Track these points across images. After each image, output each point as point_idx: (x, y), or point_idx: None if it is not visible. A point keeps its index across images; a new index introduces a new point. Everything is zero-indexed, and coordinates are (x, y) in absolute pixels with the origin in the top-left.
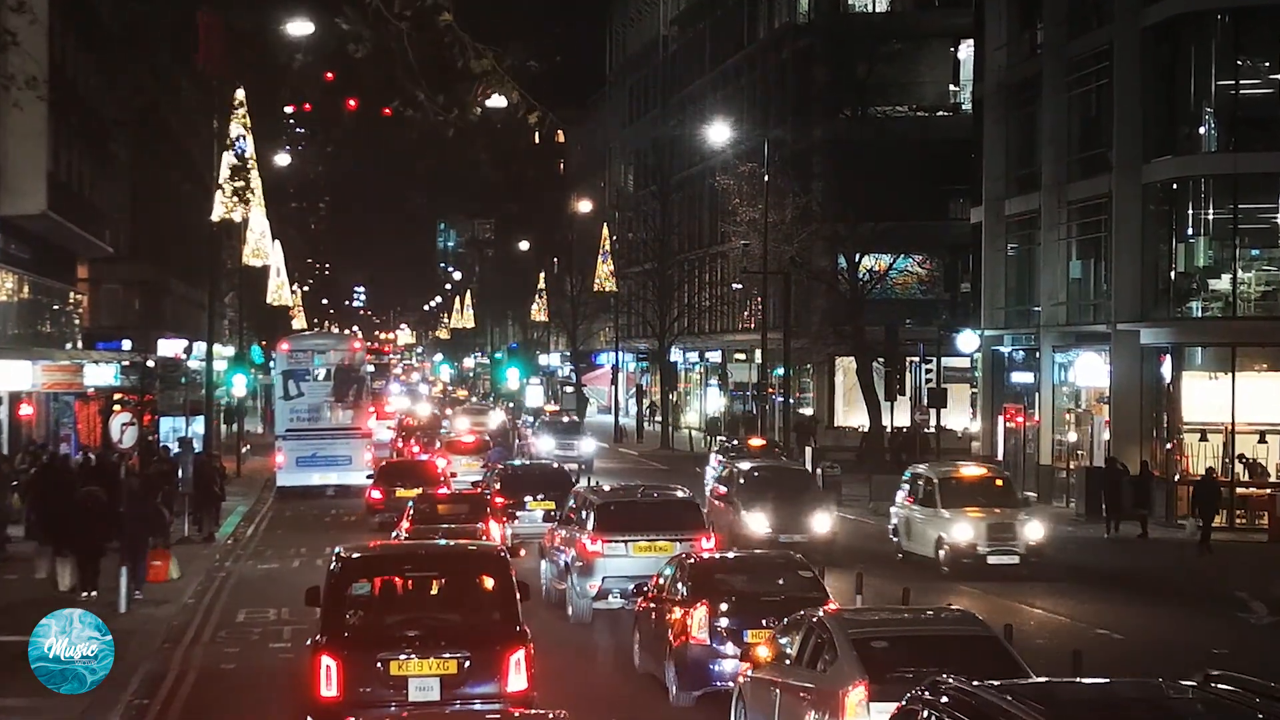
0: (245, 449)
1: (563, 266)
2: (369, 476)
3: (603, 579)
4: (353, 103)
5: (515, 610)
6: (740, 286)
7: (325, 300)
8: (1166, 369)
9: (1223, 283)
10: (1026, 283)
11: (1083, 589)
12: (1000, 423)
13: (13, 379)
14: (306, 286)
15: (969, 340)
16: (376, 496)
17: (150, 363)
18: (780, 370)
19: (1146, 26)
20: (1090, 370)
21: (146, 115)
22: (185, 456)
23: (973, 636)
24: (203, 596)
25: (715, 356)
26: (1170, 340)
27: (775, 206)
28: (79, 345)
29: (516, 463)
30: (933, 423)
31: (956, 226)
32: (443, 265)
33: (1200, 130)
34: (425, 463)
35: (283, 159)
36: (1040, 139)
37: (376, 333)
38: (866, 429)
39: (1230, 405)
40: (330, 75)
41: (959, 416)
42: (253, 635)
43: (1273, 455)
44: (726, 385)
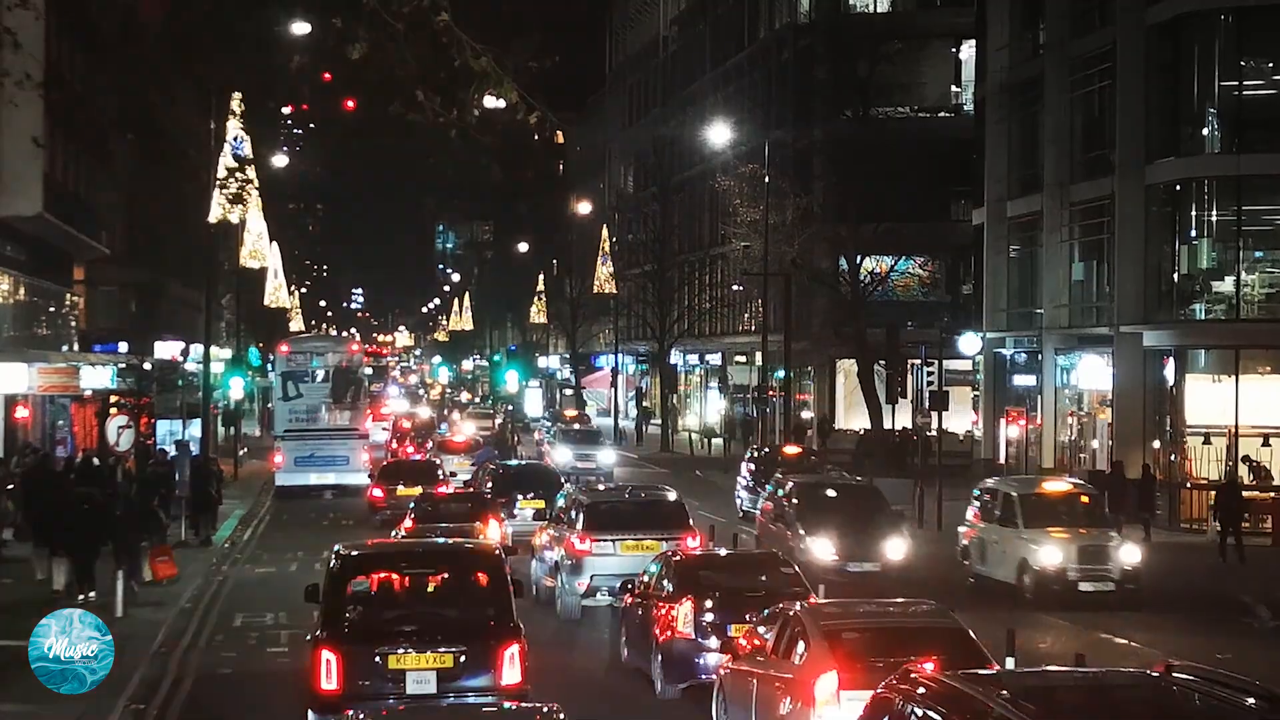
0: (243, 451)
1: (562, 268)
2: (371, 476)
3: (591, 577)
4: (350, 104)
5: (510, 606)
6: (741, 288)
7: (323, 302)
8: (1170, 372)
9: (1226, 285)
10: (1029, 285)
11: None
12: (1002, 425)
13: (8, 382)
14: (304, 288)
15: (971, 343)
16: (378, 495)
17: (147, 365)
18: (781, 373)
19: (1150, 26)
20: (1093, 373)
21: (144, 116)
22: (182, 459)
23: (941, 628)
24: (199, 600)
25: (715, 359)
26: (1173, 343)
27: (776, 208)
28: (75, 348)
29: (512, 463)
30: (934, 425)
31: (958, 228)
32: (441, 267)
33: (1204, 131)
34: (426, 462)
35: (280, 160)
36: (1042, 140)
37: (375, 335)
38: (863, 431)
39: (1234, 408)
40: (328, 76)
41: (961, 419)
42: (250, 639)
43: (1277, 458)
44: (727, 388)
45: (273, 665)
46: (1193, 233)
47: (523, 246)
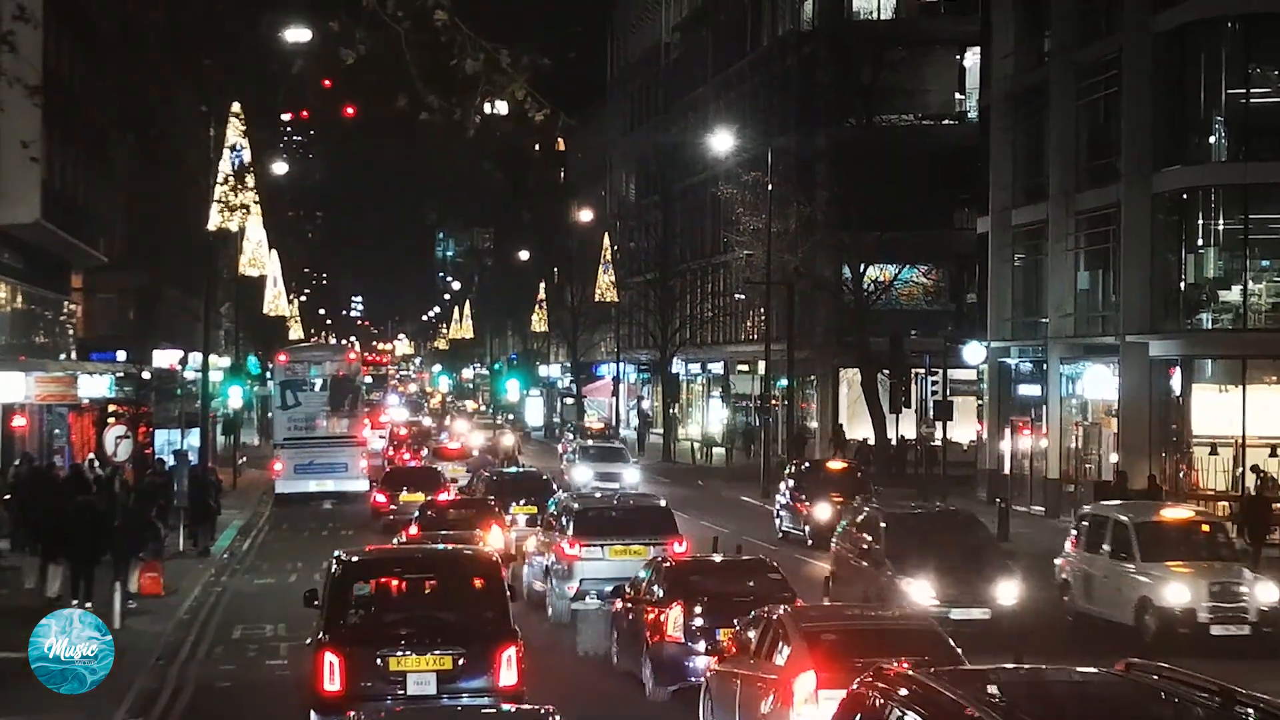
0: (241, 461)
1: (563, 276)
2: (372, 483)
3: (581, 581)
4: (351, 110)
5: (506, 610)
6: (743, 297)
7: (323, 310)
8: (1176, 382)
9: (1233, 294)
10: (1034, 294)
11: None
12: (1008, 435)
13: (5, 391)
14: (304, 296)
15: (975, 352)
16: (381, 500)
17: (145, 374)
18: (783, 382)
19: (1156, 34)
20: (1098, 383)
21: (142, 122)
22: (180, 469)
23: (917, 630)
24: (198, 612)
25: (717, 368)
26: (1180, 352)
27: (779, 215)
28: (73, 356)
29: (506, 470)
30: (939, 435)
31: (963, 236)
32: (441, 275)
33: (1210, 139)
34: (429, 468)
35: (280, 167)
36: (1048, 148)
37: (374, 343)
38: (864, 441)
39: (1241, 418)
40: (328, 82)
41: (965, 429)
42: (249, 652)
43: None
44: (729, 397)
45: (272, 677)
46: (1199, 242)
47: (524, 254)
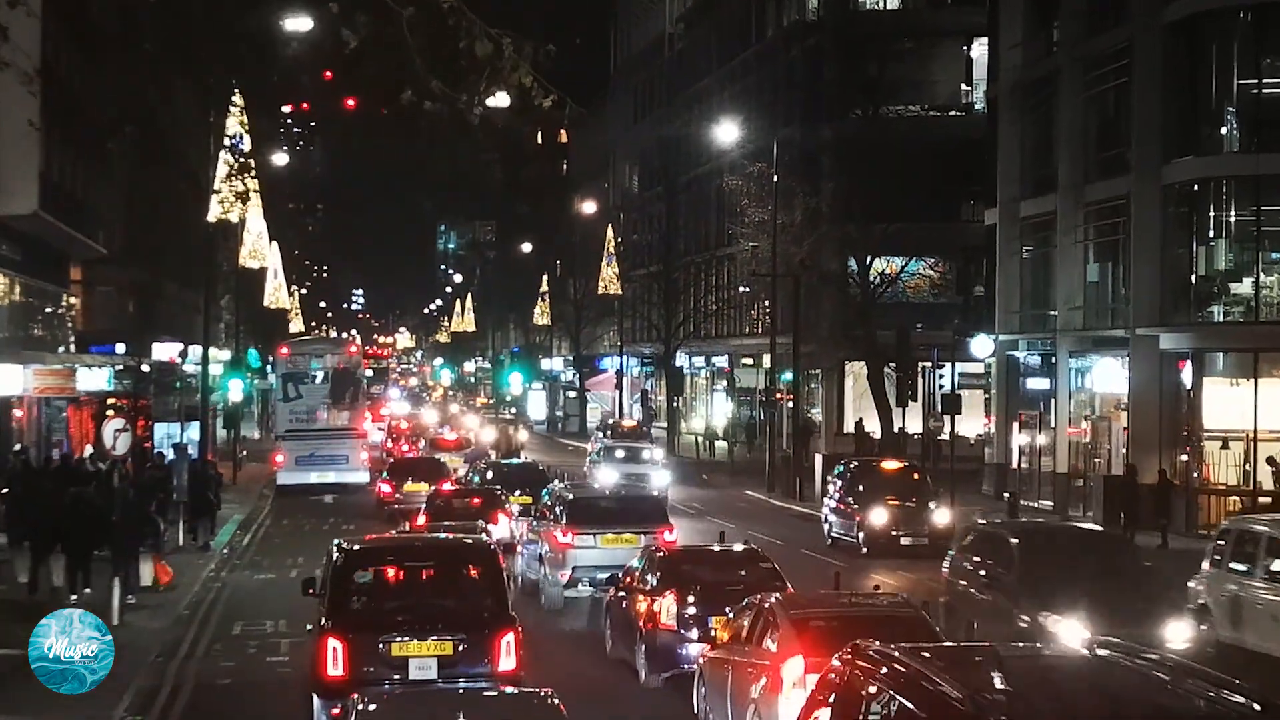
0: (242, 454)
1: (566, 269)
2: (374, 475)
3: (573, 569)
4: (351, 102)
5: (505, 597)
6: (748, 290)
7: (323, 303)
8: (1186, 375)
9: (1244, 286)
10: (1042, 286)
11: None
12: (1015, 430)
13: (3, 383)
14: (305, 289)
15: (983, 345)
16: (387, 490)
17: (145, 367)
18: (789, 375)
19: (1166, 24)
20: (1108, 376)
21: (142, 112)
22: (180, 463)
23: (903, 616)
24: (198, 608)
25: (722, 361)
26: (1190, 345)
27: (784, 208)
28: (72, 349)
29: (503, 462)
30: (946, 429)
31: (970, 228)
32: (443, 268)
33: (1222, 130)
34: (433, 459)
35: (281, 159)
36: (1057, 139)
37: (375, 336)
38: (868, 434)
39: (1252, 412)
40: (329, 74)
41: (972, 423)
42: (249, 648)
43: None
44: (733, 391)
45: (272, 675)
46: (1210, 233)
47: (526, 247)
